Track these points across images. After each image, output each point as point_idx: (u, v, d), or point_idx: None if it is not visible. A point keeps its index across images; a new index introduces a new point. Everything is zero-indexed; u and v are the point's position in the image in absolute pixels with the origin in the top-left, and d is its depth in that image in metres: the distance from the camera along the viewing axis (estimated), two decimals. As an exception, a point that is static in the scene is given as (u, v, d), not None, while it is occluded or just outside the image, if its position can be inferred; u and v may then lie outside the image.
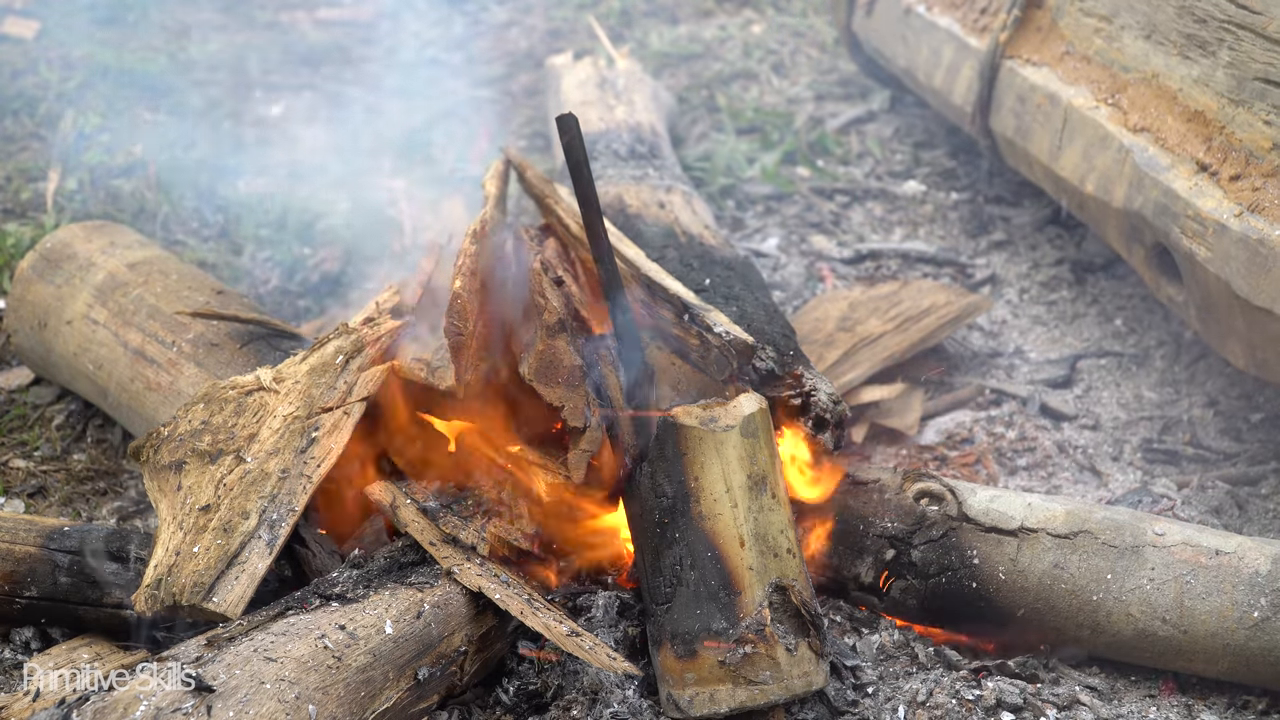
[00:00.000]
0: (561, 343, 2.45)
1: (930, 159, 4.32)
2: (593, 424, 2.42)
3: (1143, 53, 3.00)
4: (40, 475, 3.06)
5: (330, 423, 2.47)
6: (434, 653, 2.25)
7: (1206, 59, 2.79)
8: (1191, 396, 3.26)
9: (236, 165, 4.20)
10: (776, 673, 2.24)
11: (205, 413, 2.51)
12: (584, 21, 5.21)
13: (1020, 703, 2.38)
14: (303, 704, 2.03)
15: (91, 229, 3.19)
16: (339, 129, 4.29)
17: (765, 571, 2.28)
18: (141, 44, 5.01)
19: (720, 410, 2.34)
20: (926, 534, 2.51)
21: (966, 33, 3.64)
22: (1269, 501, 2.93)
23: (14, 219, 3.96)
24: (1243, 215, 2.62)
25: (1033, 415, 3.22)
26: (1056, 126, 3.22)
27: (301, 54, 5.02)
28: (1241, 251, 2.60)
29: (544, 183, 2.97)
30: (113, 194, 4.05)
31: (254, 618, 2.20)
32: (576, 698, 2.31)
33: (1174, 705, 2.42)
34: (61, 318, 3.02)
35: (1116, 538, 2.43)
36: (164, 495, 2.43)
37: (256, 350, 2.82)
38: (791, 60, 4.99)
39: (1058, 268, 3.76)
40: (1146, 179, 2.87)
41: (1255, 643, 2.33)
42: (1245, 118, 2.69)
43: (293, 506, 2.36)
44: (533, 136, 4.51)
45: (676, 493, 2.31)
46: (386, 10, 5.40)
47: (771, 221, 4.03)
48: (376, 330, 2.62)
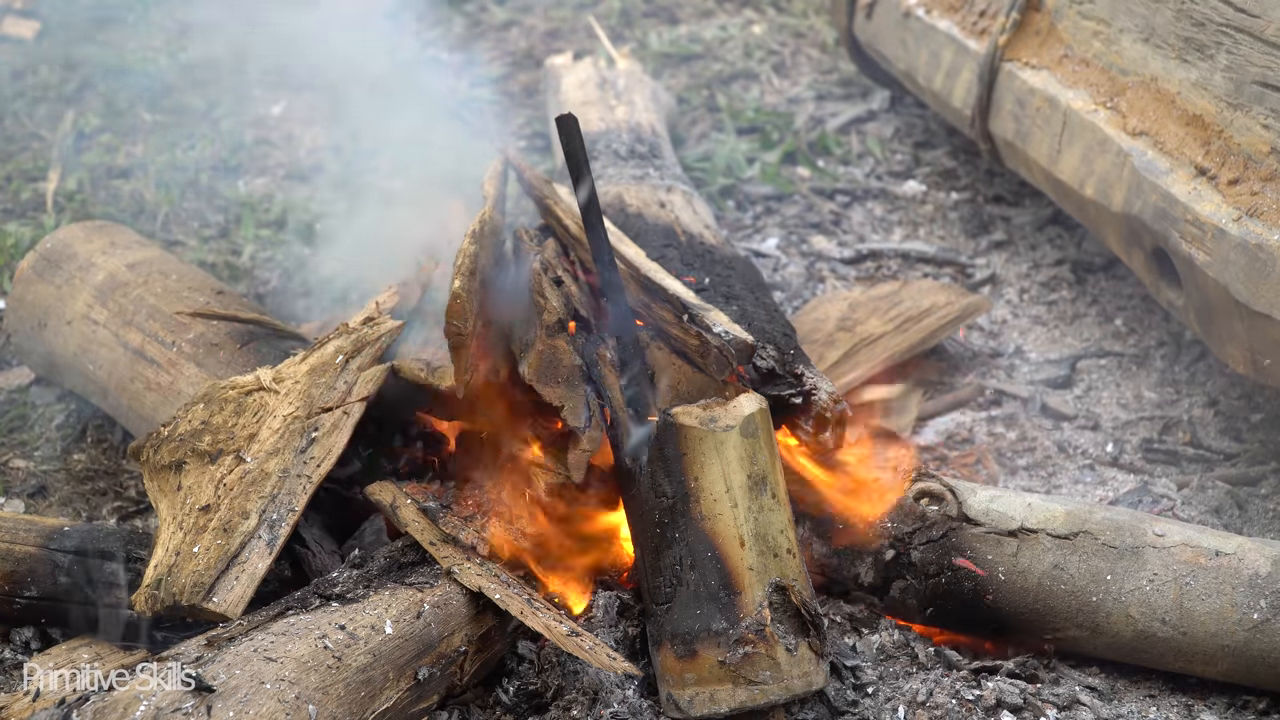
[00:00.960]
0: (561, 343, 2.45)
1: (930, 159, 4.32)
2: (592, 424, 2.42)
3: (1141, 56, 3.00)
4: (40, 475, 3.06)
5: (330, 423, 2.47)
6: (434, 653, 2.25)
7: (1205, 62, 2.79)
8: (1191, 396, 3.26)
9: (236, 165, 4.20)
10: (776, 673, 2.24)
11: (205, 413, 2.51)
12: (584, 22, 5.21)
13: (1020, 703, 2.38)
14: (303, 704, 2.03)
15: (91, 229, 3.19)
16: (339, 129, 4.29)
17: (765, 571, 2.28)
18: (141, 44, 5.01)
19: (720, 410, 2.34)
20: (926, 534, 2.51)
21: (965, 36, 3.64)
22: (1269, 501, 2.93)
23: (14, 219, 3.96)
24: (1241, 220, 2.61)
25: (1033, 415, 3.22)
26: (1056, 130, 3.22)
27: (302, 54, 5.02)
28: (1240, 256, 2.59)
29: (543, 183, 2.97)
30: (113, 194, 4.05)
31: (254, 618, 2.20)
32: (576, 698, 2.31)
33: (1174, 705, 2.42)
34: (61, 318, 3.02)
35: (1116, 538, 2.43)
36: (164, 495, 2.43)
37: (256, 350, 2.82)
38: (792, 60, 4.98)
39: (1058, 268, 3.76)
40: (1145, 183, 2.87)
41: (1255, 644, 2.33)
42: (1244, 121, 2.69)
43: (293, 506, 2.36)
44: (533, 137, 4.51)
45: (676, 493, 2.31)
46: (386, 10, 5.39)
47: (771, 221, 4.02)
48: (376, 330, 2.62)
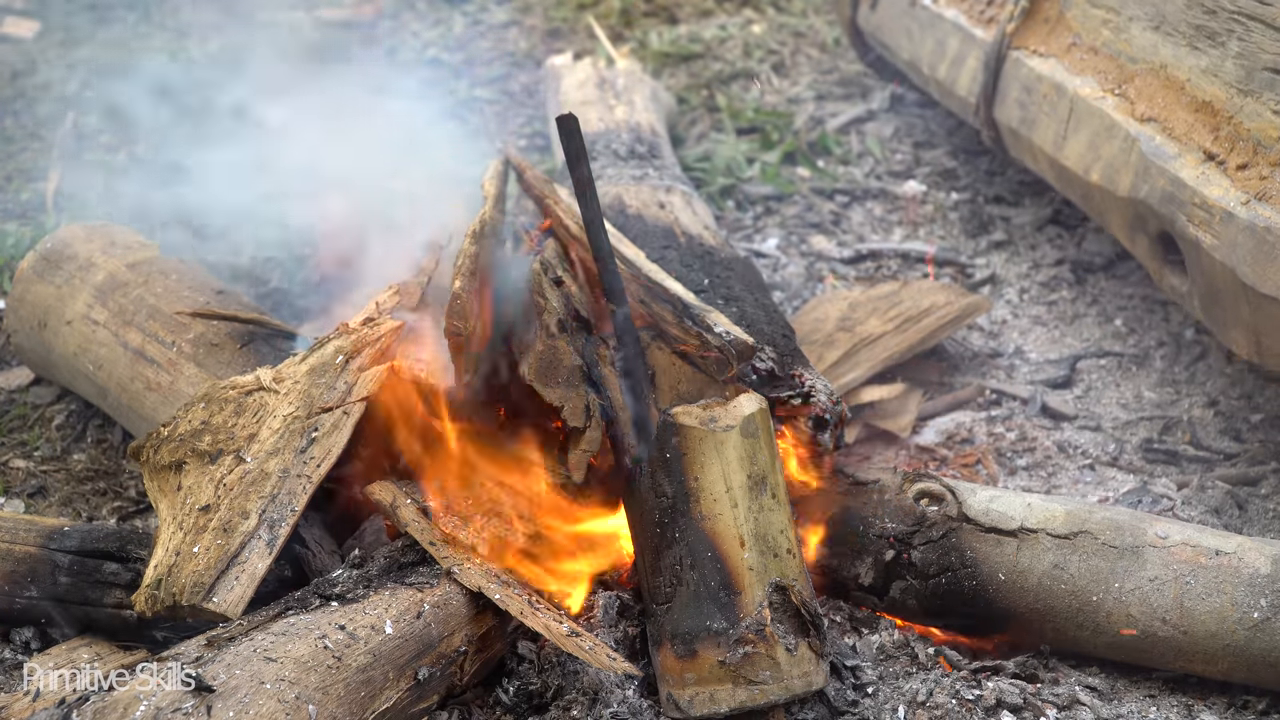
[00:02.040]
0: (561, 343, 2.45)
1: (930, 159, 4.32)
2: (592, 424, 2.42)
3: (1151, 44, 3.01)
4: (40, 475, 3.06)
5: (330, 423, 2.47)
6: (434, 653, 2.25)
7: (1215, 49, 2.80)
8: (1191, 396, 3.26)
9: (236, 165, 4.19)
10: (776, 673, 2.24)
11: (205, 413, 2.51)
12: (584, 22, 5.21)
13: (1020, 703, 2.38)
14: (303, 704, 2.03)
15: (91, 229, 3.19)
16: (338, 129, 4.29)
17: (765, 571, 2.28)
18: (142, 44, 5.01)
19: (720, 410, 2.34)
20: (926, 534, 2.50)
21: (972, 24, 3.65)
22: (1269, 501, 2.93)
23: (14, 219, 3.96)
24: (1250, 203, 2.62)
25: (1033, 415, 3.22)
26: (1062, 116, 3.22)
27: (302, 54, 5.02)
28: (1248, 239, 2.60)
29: (543, 183, 2.97)
30: (113, 194, 4.05)
31: (254, 618, 2.20)
32: (576, 698, 2.31)
33: (1174, 705, 2.42)
34: (61, 318, 3.02)
35: (1116, 538, 2.43)
36: (164, 495, 2.43)
37: (256, 350, 2.82)
38: (792, 60, 4.98)
39: (1058, 268, 3.76)
40: (1153, 167, 2.88)
41: (1255, 643, 2.33)
42: (1254, 107, 2.70)
43: (293, 506, 2.36)
44: (533, 136, 4.51)
45: (676, 493, 2.31)
46: (386, 10, 5.40)
47: (771, 222, 4.02)
48: (376, 330, 2.62)
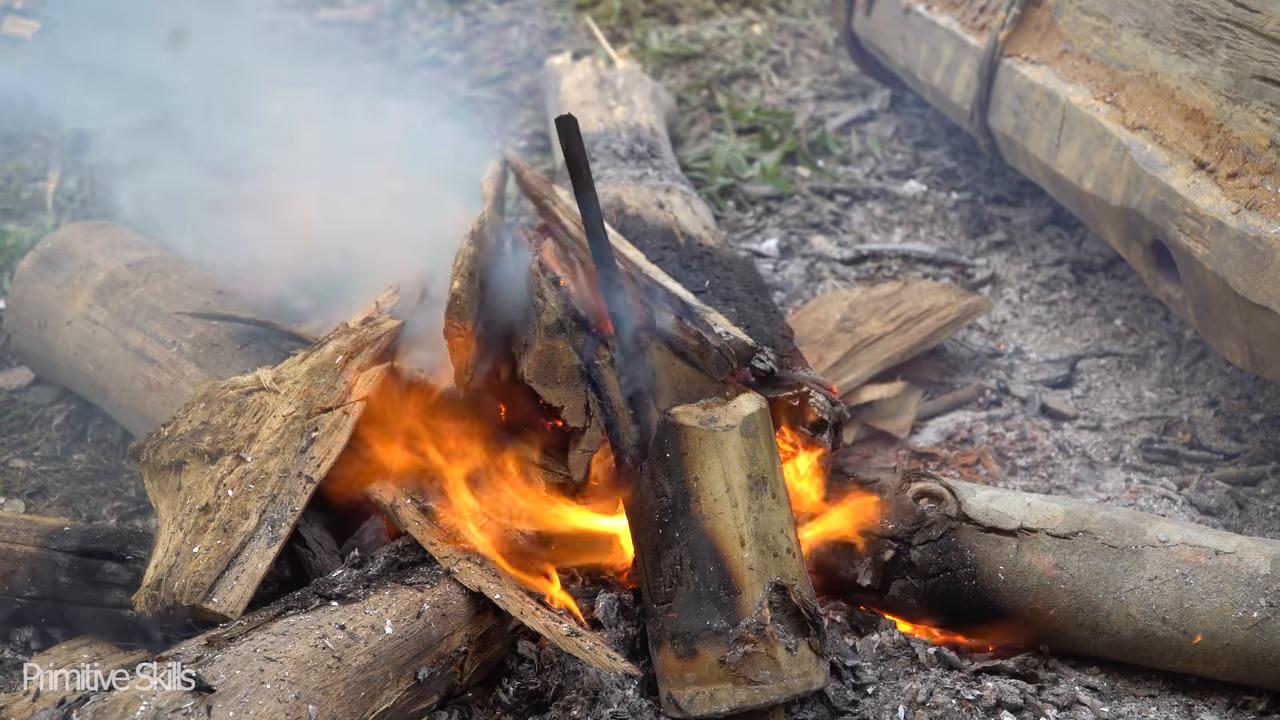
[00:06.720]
0: (560, 343, 2.45)
1: (930, 159, 4.32)
2: (592, 424, 2.42)
3: (1141, 51, 3.01)
4: (40, 475, 3.06)
5: (330, 423, 2.47)
6: (434, 653, 2.25)
7: (1205, 57, 2.80)
8: (1191, 396, 3.26)
9: (236, 165, 4.19)
10: (776, 672, 2.24)
11: (205, 413, 2.51)
12: (583, 22, 5.21)
13: (1020, 703, 2.38)
14: (303, 704, 2.03)
15: (91, 229, 3.19)
16: (338, 129, 4.28)
17: (765, 571, 2.28)
18: (141, 44, 5.01)
19: (720, 410, 2.34)
20: (926, 534, 2.51)
21: (965, 31, 3.65)
22: (1269, 501, 2.93)
23: (14, 219, 3.96)
24: (1240, 212, 2.62)
25: (1033, 415, 3.22)
26: (1055, 124, 3.22)
27: (302, 54, 5.02)
28: (1239, 249, 2.60)
29: (542, 183, 2.97)
30: (113, 194, 4.05)
31: (254, 618, 2.20)
32: (576, 698, 2.31)
33: (1174, 705, 2.42)
34: (62, 318, 3.02)
35: (1116, 538, 2.43)
36: (164, 495, 2.43)
37: (256, 350, 2.82)
38: (792, 60, 4.98)
39: (1058, 268, 3.76)
40: (1144, 176, 2.88)
41: (1255, 643, 2.33)
42: (1243, 115, 2.70)
43: (293, 506, 2.36)
44: (532, 137, 4.51)
45: (676, 492, 2.31)
46: (386, 10, 5.40)
47: (771, 222, 4.02)
48: (376, 330, 2.62)
